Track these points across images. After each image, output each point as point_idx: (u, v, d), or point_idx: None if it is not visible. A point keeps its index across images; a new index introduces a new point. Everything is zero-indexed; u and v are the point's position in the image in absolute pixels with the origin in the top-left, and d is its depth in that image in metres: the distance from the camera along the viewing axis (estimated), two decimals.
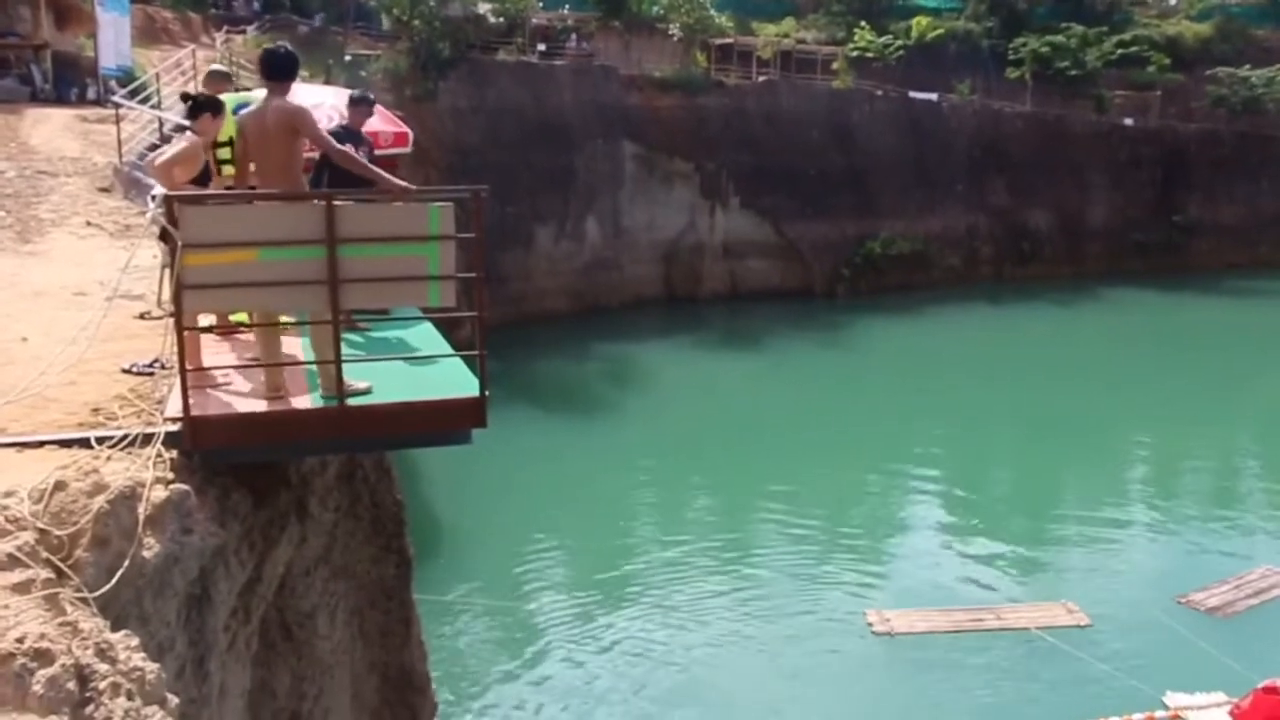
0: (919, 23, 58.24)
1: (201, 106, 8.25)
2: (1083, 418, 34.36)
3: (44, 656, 4.47)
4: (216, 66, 9.26)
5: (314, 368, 7.36)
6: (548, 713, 18.37)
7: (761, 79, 53.67)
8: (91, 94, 27.05)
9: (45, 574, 5.13)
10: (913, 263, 53.25)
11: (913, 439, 32.31)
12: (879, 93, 55.24)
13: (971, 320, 47.98)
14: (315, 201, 6.97)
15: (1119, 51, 58.98)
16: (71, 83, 27.61)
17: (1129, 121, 59.20)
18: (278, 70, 7.48)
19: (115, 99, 21.59)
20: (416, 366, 8.16)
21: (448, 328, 9.39)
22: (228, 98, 8.28)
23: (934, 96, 56.00)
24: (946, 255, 54.82)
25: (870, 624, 20.94)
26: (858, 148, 53.62)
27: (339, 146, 7.73)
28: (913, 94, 55.60)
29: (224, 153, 8.37)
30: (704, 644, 20.51)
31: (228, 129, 8.34)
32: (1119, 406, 35.65)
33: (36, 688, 4.36)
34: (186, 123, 8.50)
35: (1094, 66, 58.46)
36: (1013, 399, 36.41)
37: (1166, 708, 17.73)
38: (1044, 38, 58.11)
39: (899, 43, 57.39)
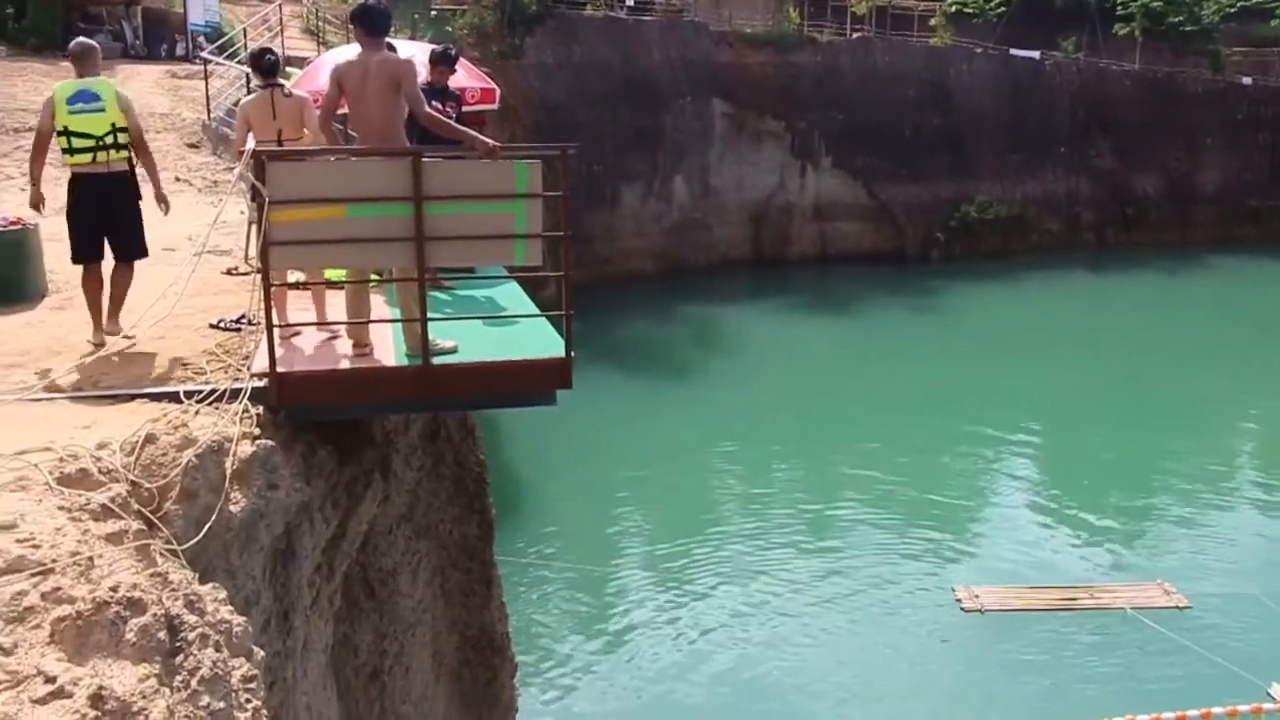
0: None
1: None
2: (1187, 392, 33.33)
3: (136, 606, 4.52)
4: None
5: (400, 326, 7.34)
6: (625, 677, 18.42)
7: (856, 35, 52.67)
8: (180, 50, 27.52)
9: (137, 525, 5.20)
10: (1010, 227, 52.03)
11: (1007, 410, 31.63)
12: (978, 50, 53.88)
13: (1071, 288, 46.74)
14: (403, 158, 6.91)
15: (1239, 4, 56.53)
16: (161, 39, 28.12)
17: (1247, 80, 56.90)
18: (376, 25, 7.40)
19: (203, 55, 21.90)
20: (502, 326, 8.12)
21: (533, 287, 9.34)
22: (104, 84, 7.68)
23: (1036, 54, 54.40)
24: (1045, 220, 53.45)
25: (959, 599, 20.54)
26: (955, 107, 52.40)
27: (428, 109, 7.63)
28: (1014, 52, 54.11)
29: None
30: (786, 614, 20.35)
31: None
32: (1225, 381, 34.51)
33: (129, 636, 4.41)
34: (282, 82, 8.57)
35: (1210, 21, 56.23)
36: (1113, 371, 35.42)
37: (1274, 700, 17.02)
38: None
39: None
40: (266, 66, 8.41)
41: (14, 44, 24.94)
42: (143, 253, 7.85)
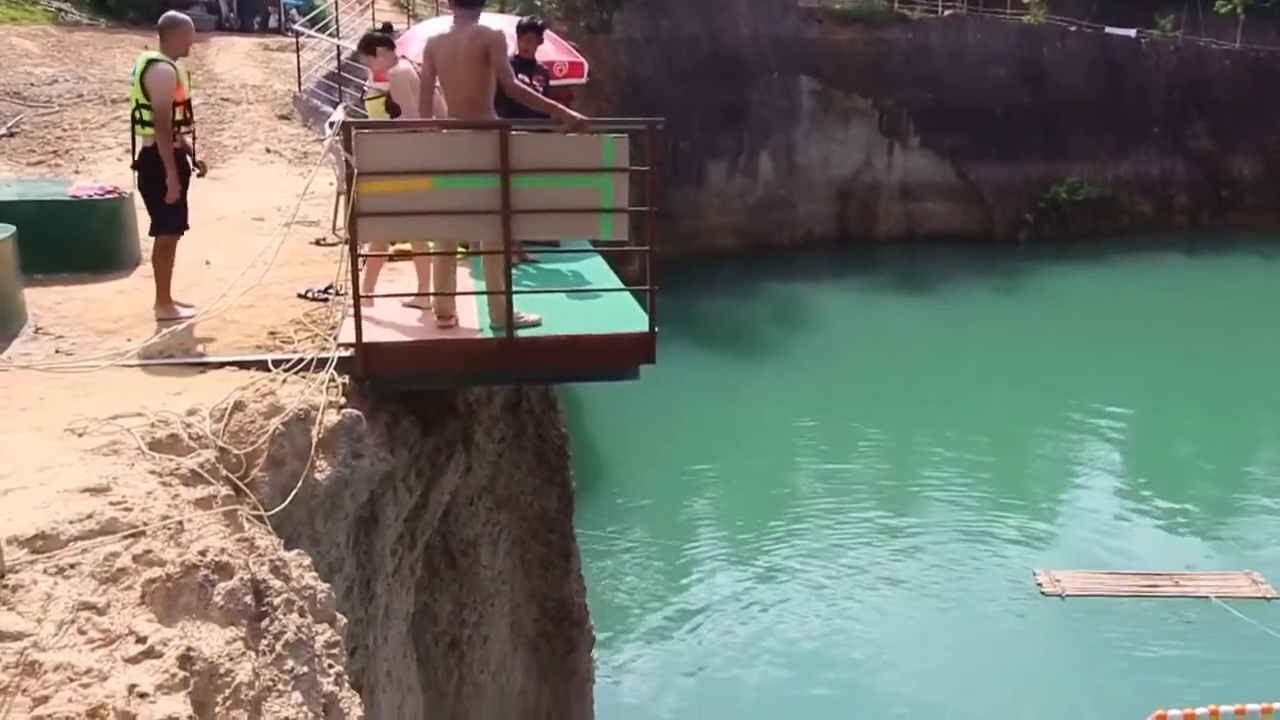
0: None
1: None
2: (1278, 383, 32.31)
3: (224, 570, 4.60)
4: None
5: (485, 298, 7.36)
6: (700, 652, 18.43)
7: (947, 13, 51.67)
8: (273, 22, 27.93)
9: (225, 491, 5.29)
10: (1100, 209, 50.72)
11: (1094, 394, 30.95)
12: (1073, 29, 52.50)
13: (1163, 271, 45.47)
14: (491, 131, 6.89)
15: None
16: (255, 11, 28.56)
17: None
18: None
19: (296, 28, 22.18)
20: (586, 300, 8.11)
21: (617, 262, 9.32)
22: (142, 57, 7.64)
23: (1132, 33, 52.85)
24: (1137, 202, 52.00)
25: (1040, 584, 20.20)
26: (1047, 87, 51.16)
27: (516, 82, 7.57)
28: (1109, 30, 52.62)
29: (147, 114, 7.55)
30: (863, 593, 20.19)
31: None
32: None
33: (217, 599, 4.49)
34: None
35: None
36: (1204, 357, 34.40)
37: None
38: None
39: None
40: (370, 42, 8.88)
41: (114, 15, 25.54)
42: (160, 228, 7.64)
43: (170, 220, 7.61)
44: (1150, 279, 44.16)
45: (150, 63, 7.43)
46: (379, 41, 9.22)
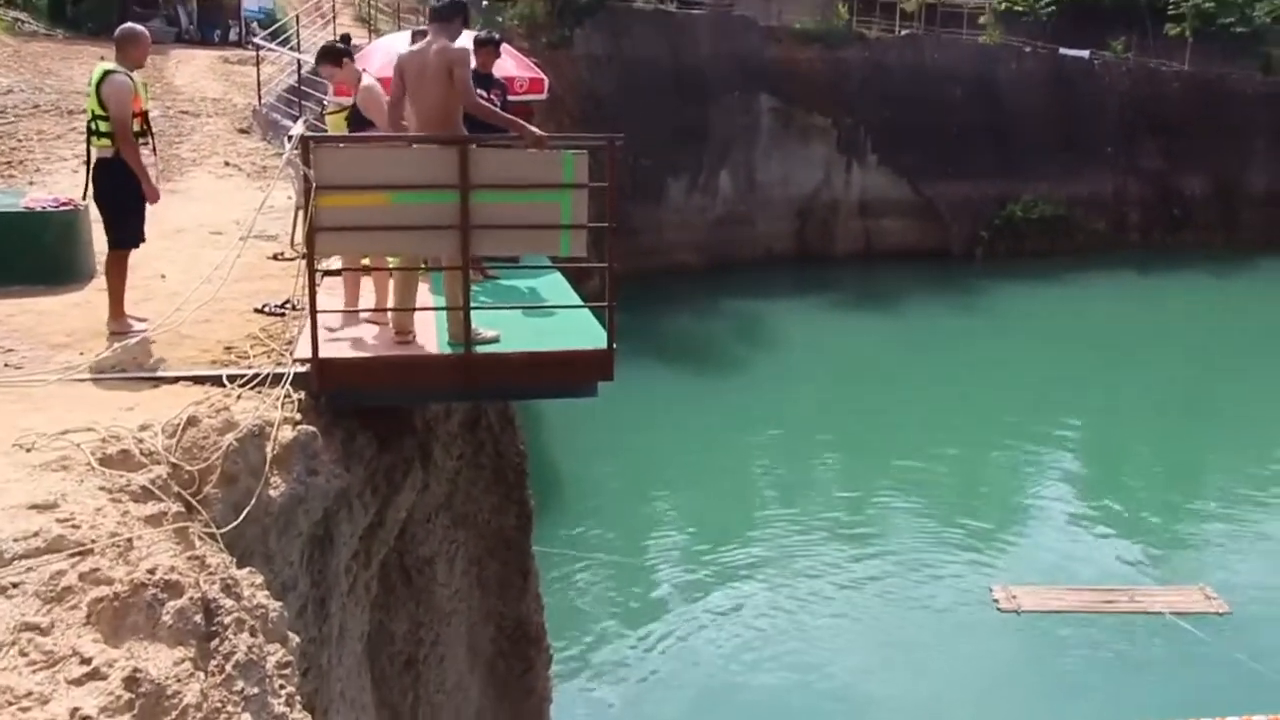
0: None
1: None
2: (1232, 396, 32.84)
3: (174, 588, 4.51)
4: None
5: (443, 314, 7.32)
6: (659, 670, 18.38)
7: (905, 32, 52.25)
8: (234, 35, 27.76)
9: (176, 507, 5.20)
10: (1055, 227, 51.40)
11: (1049, 410, 31.29)
12: (1027, 49, 53.27)
13: (1116, 288, 46.11)
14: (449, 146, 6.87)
15: None
16: (215, 24, 28.40)
17: None
18: (440, 11, 7.41)
19: (256, 41, 22.05)
20: (545, 316, 8.08)
21: (576, 278, 9.30)
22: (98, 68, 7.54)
23: (1086, 54, 53.68)
24: (1091, 220, 52.74)
25: (996, 600, 20.36)
26: (1003, 106, 51.83)
27: (478, 100, 7.55)
28: (1063, 51, 53.41)
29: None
30: (821, 610, 20.25)
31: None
32: (1270, 385, 33.90)
33: (166, 618, 4.40)
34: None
35: (1262, 23, 55.18)
36: (1157, 373, 34.95)
37: None
38: None
39: None
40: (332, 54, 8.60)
41: (72, 27, 25.28)
42: (115, 242, 7.54)
43: (125, 233, 7.51)
44: (1104, 295, 44.80)
45: (107, 73, 7.35)
46: (344, 53, 9.07)
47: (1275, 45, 56.20)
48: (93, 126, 7.41)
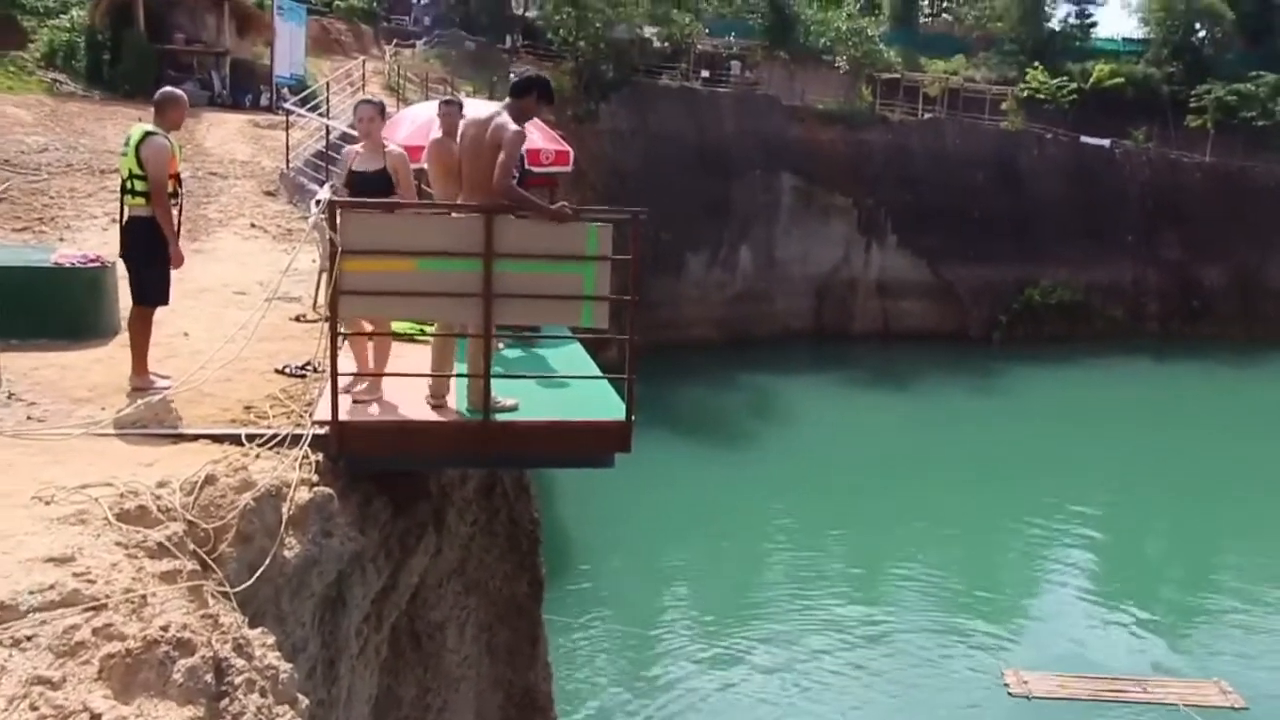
0: (1099, 70, 56.16)
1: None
2: (1248, 488, 32.47)
3: (185, 646, 4.51)
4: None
5: (463, 381, 7.36)
6: None
7: (927, 116, 52.84)
8: (265, 100, 28.26)
9: (191, 565, 5.21)
10: (1074, 313, 51.47)
11: (1064, 496, 31.03)
12: (1049, 136, 53.75)
13: (1133, 376, 45.98)
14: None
15: None
16: (247, 89, 28.93)
17: None
18: (515, 86, 7.49)
19: (287, 106, 22.44)
20: (564, 386, 8.12)
21: (594, 348, 9.34)
22: (137, 129, 7.68)
23: (1107, 143, 54.15)
24: (1109, 307, 52.81)
25: (1007, 684, 20.07)
26: (1023, 191, 52.20)
27: (510, 184, 7.50)
28: (1084, 139, 53.89)
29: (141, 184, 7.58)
30: (832, 688, 19.99)
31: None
32: None
33: (177, 676, 4.39)
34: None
35: None
36: (1173, 462, 34.66)
37: None
38: (1230, 86, 55.50)
39: (1073, 85, 55.68)
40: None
41: (108, 88, 25.79)
42: (141, 299, 7.63)
43: (153, 291, 7.61)
44: (1121, 383, 44.64)
45: (147, 134, 7.50)
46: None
47: None
48: (128, 185, 7.53)
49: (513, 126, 7.25)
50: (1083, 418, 39.42)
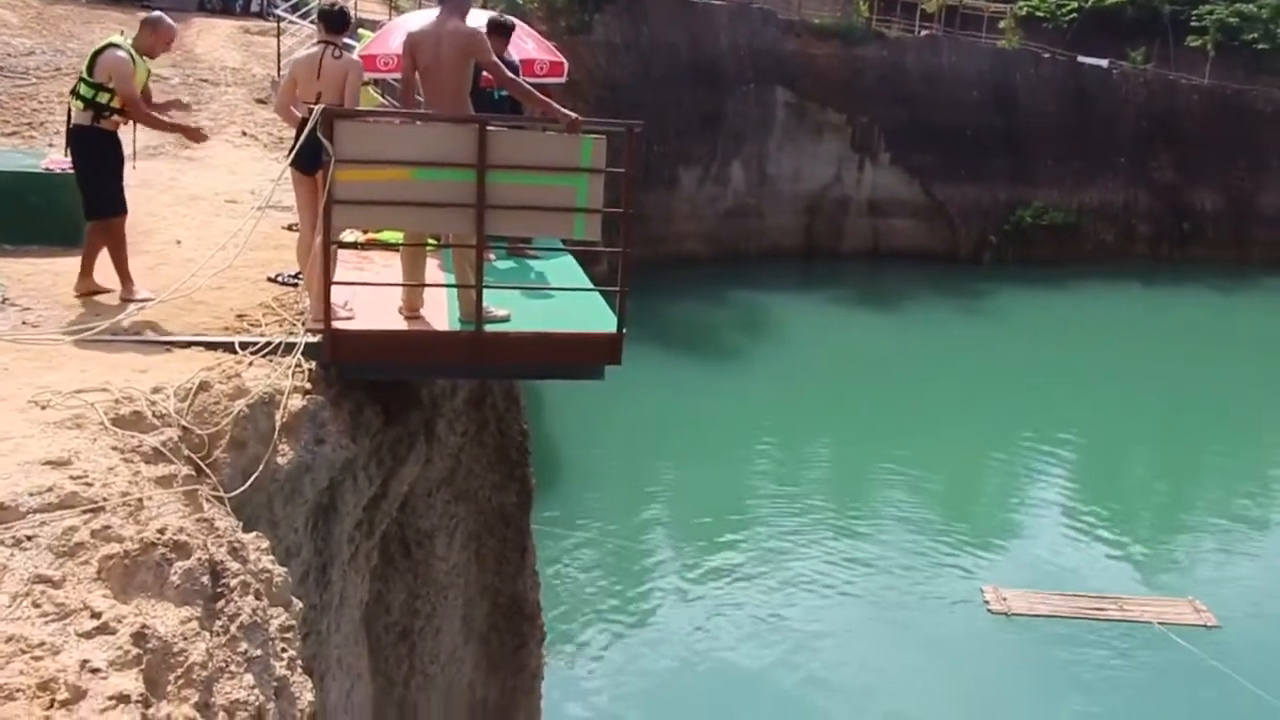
0: None
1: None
2: (1230, 412, 32.88)
3: (182, 549, 4.59)
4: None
5: (454, 291, 7.38)
6: (649, 653, 18.52)
7: (924, 33, 52.19)
8: (256, 6, 27.76)
9: (186, 470, 5.28)
10: (1064, 234, 51.42)
11: (1048, 417, 31.36)
12: (1046, 55, 53.19)
13: (1122, 299, 46.14)
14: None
15: None
16: None
17: None
18: None
19: (278, 12, 22.09)
20: (556, 298, 8.14)
21: (586, 262, 9.35)
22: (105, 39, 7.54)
23: (1104, 63, 53.59)
24: (1100, 229, 52.74)
25: (987, 601, 20.50)
26: (1018, 111, 51.80)
27: (510, 75, 7.60)
28: (1082, 59, 53.34)
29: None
30: (813, 603, 20.38)
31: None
32: (1271, 403, 33.96)
33: (174, 578, 4.47)
34: (347, 40, 8.38)
35: None
36: (1158, 385, 34.97)
37: None
38: (1232, 6, 54.75)
39: (1073, 4, 54.91)
40: (331, 18, 7.63)
41: None
42: (96, 210, 7.51)
43: (98, 203, 7.47)
44: (1109, 305, 44.82)
45: (109, 45, 7.37)
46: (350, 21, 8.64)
47: None
48: (75, 89, 7.40)
49: (471, 29, 7.22)
50: (1069, 340, 39.67)
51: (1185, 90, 54.61)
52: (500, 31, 9.46)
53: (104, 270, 7.55)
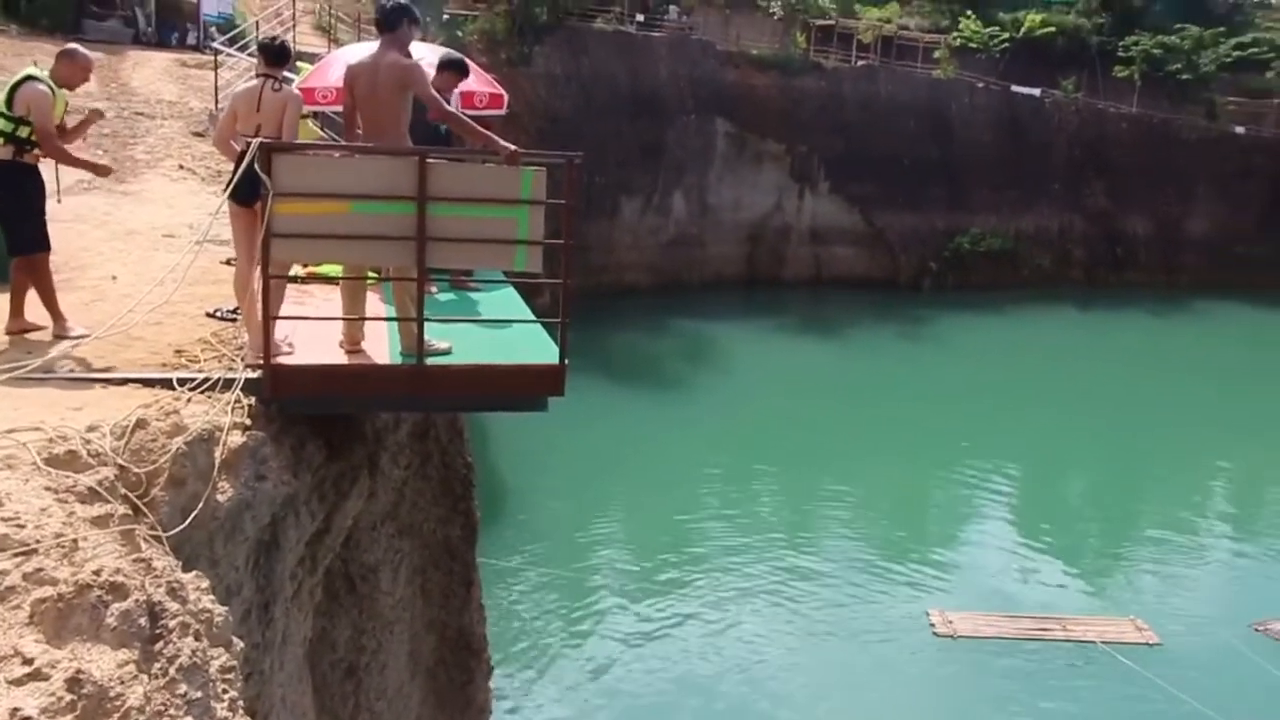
0: (1030, 19, 56.48)
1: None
2: (1166, 432, 33.50)
3: (119, 590, 4.49)
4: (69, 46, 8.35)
5: (395, 324, 7.34)
6: (598, 685, 18.41)
7: (861, 64, 52.90)
8: (192, 39, 27.56)
9: (123, 509, 5.17)
10: (1002, 261, 52.30)
11: (990, 440, 31.76)
12: (980, 85, 54.18)
13: (1058, 323, 46.97)
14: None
15: (1235, 55, 56.97)
16: (173, 27, 28.16)
17: (1240, 129, 57.16)
18: (387, 18, 7.42)
19: (215, 45, 21.91)
20: (497, 330, 8.12)
21: (528, 293, 9.35)
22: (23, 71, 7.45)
23: (1036, 92, 54.74)
24: (1036, 255, 53.72)
25: (932, 624, 20.67)
26: (954, 140, 52.69)
27: (447, 106, 7.62)
28: (1015, 88, 54.40)
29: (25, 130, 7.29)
30: (761, 631, 20.39)
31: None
32: (1205, 423, 34.66)
33: (110, 620, 4.38)
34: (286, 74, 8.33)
35: (1207, 70, 56.54)
36: (1096, 406, 35.58)
37: None
38: (1156, 37, 56.24)
39: (1005, 34, 56.08)
40: (271, 51, 7.63)
41: (26, 23, 24.89)
42: (18, 247, 7.38)
43: (20, 240, 7.35)
44: (1047, 329, 45.60)
45: (29, 78, 7.27)
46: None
47: (1220, 93, 57.62)
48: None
49: (408, 61, 7.24)
50: (1008, 363, 40.26)
51: (1114, 119, 55.92)
52: (453, 68, 9.43)
53: (36, 308, 7.41)
